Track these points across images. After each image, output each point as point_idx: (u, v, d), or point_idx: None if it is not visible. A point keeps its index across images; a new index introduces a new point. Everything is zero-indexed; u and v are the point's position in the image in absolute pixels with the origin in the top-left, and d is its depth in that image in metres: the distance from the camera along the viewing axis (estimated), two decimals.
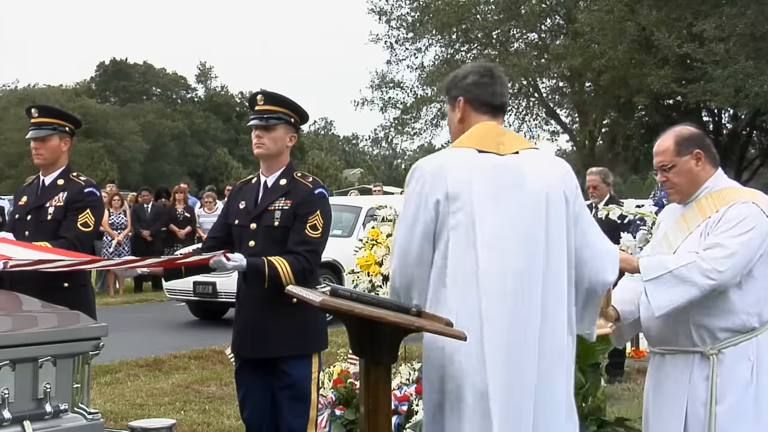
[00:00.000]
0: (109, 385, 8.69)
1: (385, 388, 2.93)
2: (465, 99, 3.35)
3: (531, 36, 35.45)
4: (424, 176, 3.20)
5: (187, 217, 17.62)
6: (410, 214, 3.21)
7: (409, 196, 3.22)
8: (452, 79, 3.44)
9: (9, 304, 4.43)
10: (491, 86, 3.35)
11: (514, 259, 3.12)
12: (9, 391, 3.92)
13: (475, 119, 3.34)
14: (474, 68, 3.42)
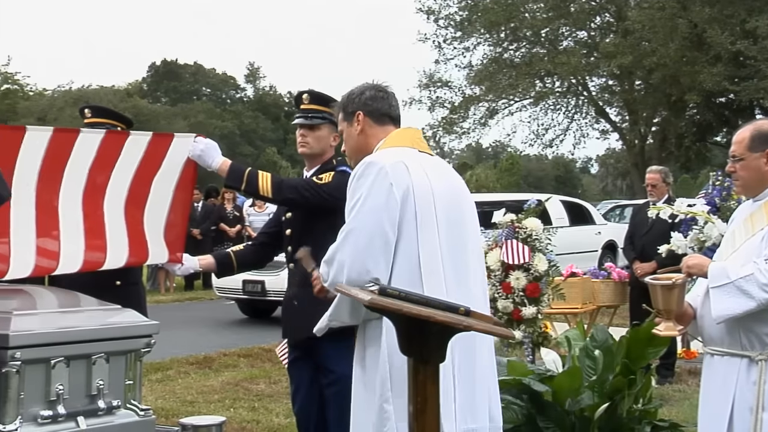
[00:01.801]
0: (160, 382, 8.79)
1: (433, 387, 2.93)
2: (364, 112, 3.59)
3: (580, 34, 35.21)
4: (385, 168, 3.30)
5: (237, 216, 17.76)
6: (377, 203, 3.25)
7: (371, 187, 3.28)
8: (347, 96, 3.67)
9: (63, 301, 4.50)
10: (387, 99, 3.63)
11: (462, 242, 3.40)
12: (63, 387, 3.99)
13: (377, 130, 3.58)
14: (368, 85, 3.66)
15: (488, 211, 7.89)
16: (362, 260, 3.22)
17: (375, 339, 3.31)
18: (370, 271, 3.21)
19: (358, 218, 3.26)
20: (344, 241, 3.26)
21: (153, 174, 4.59)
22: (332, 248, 3.30)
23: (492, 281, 6.84)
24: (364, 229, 3.24)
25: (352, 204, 3.30)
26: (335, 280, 3.26)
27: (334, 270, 3.27)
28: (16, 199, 4.22)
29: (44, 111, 51.05)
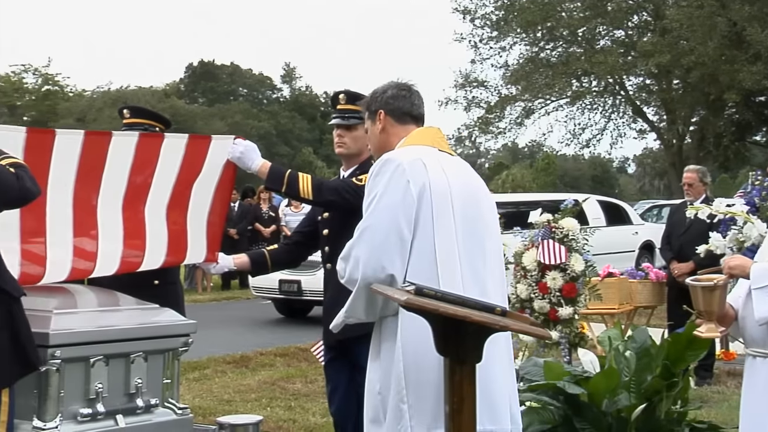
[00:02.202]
0: (197, 381, 8.84)
1: (469, 387, 2.93)
2: (385, 111, 3.60)
3: (617, 33, 34.97)
4: (402, 166, 3.29)
5: (272, 216, 17.84)
6: (394, 200, 3.24)
7: (388, 184, 3.27)
8: (371, 95, 3.67)
9: (102, 300, 4.54)
10: (409, 98, 3.63)
11: (480, 241, 3.39)
12: (103, 385, 4.03)
13: (398, 128, 3.60)
14: (392, 84, 3.67)
15: (524, 211, 7.86)
16: (378, 257, 3.21)
17: (390, 336, 3.30)
18: (385, 267, 3.21)
19: (374, 215, 3.26)
20: (360, 237, 3.26)
21: (194, 176, 4.63)
22: (349, 244, 3.30)
23: (528, 281, 6.81)
24: (379, 226, 3.24)
25: (369, 200, 3.30)
26: (351, 276, 3.26)
27: (350, 266, 3.27)
28: (53, 200, 4.27)
29: (83, 112, 51.55)
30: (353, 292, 3.27)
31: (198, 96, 65.40)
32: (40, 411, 3.90)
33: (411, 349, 3.21)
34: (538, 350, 6.76)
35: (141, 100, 44.44)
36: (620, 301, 9.32)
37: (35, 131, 4.40)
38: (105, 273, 4.52)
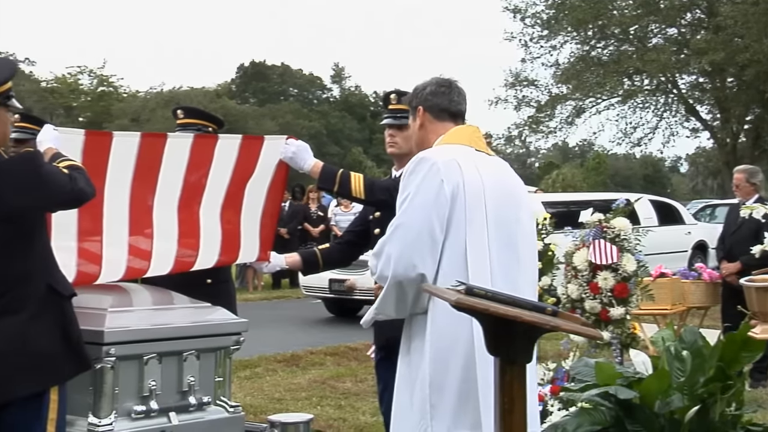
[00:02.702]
0: (248, 379, 8.91)
1: (520, 388, 2.92)
2: (424, 107, 3.61)
3: (670, 31, 34.56)
4: (437, 165, 3.31)
5: (321, 216, 17.92)
6: (427, 199, 3.27)
7: (422, 183, 3.29)
8: (413, 91, 3.67)
9: (156, 298, 4.60)
10: (448, 95, 3.62)
11: (513, 242, 3.41)
12: (156, 383, 4.08)
13: (436, 125, 3.60)
14: (433, 80, 3.67)
15: (575, 211, 7.81)
16: (409, 255, 3.24)
17: (419, 334, 3.34)
18: (416, 266, 3.23)
19: (407, 213, 3.29)
20: (392, 235, 3.29)
21: (248, 177, 4.67)
22: (381, 241, 3.33)
23: (579, 281, 6.77)
24: (412, 224, 3.26)
25: (402, 199, 3.32)
26: (382, 272, 3.29)
27: (382, 263, 3.30)
28: (110, 201, 4.34)
29: (137, 112, 52.14)
30: (384, 289, 3.31)
31: (249, 96, 65.82)
32: (95, 408, 3.96)
33: (438, 349, 3.26)
34: (589, 350, 6.71)
35: (193, 100, 44.85)
36: (672, 301, 9.23)
37: (93, 134, 4.48)
38: (159, 272, 4.58)
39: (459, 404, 3.23)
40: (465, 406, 3.25)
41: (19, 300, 3.42)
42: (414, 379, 3.33)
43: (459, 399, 3.24)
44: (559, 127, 36.51)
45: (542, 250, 6.87)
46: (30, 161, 3.50)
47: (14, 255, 3.42)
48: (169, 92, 56.09)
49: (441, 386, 3.25)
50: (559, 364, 6.03)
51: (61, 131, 4.11)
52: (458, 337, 3.25)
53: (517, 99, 36.38)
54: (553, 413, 5.56)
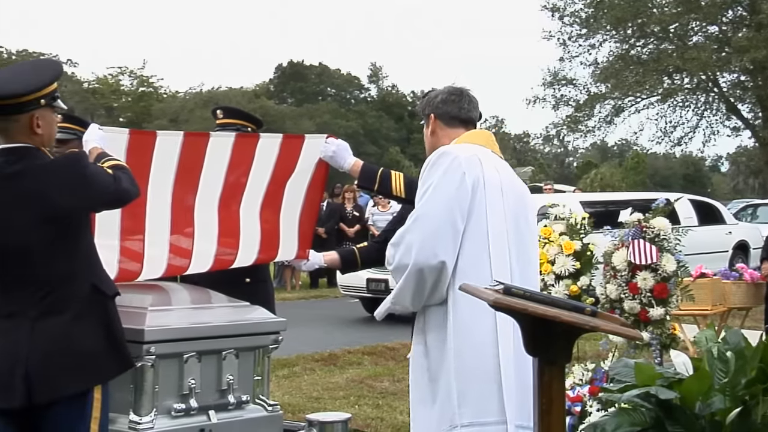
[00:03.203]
0: (286, 378, 8.95)
1: (558, 388, 2.91)
2: (435, 115, 3.70)
3: (711, 29, 34.23)
4: (459, 158, 3.40)
5: (356, 216, 17.94)
6: (449, 190, 3.34)
7: (443, 174, 3.37)
8: (425, 100, 3.78)
9: (195, 297, 4.63)
10: (458, 103, 3.71)
11: (525, 240, 3.52)
12: (195, 381, 4.11)
13: (448, 131, 3.68)
14: (445, 89, 3.77)
15: (613, 211, 7.75)
16: (431, 244, 3.29)
17: (437, 325, 3.38)
18: (437, 254, 3.29)
19: (428, 204, 3.34)
20: (414, 224, 3.34)
21: (288, 176, 4.69)
22: (400, 232, 3.38)
23: (618, 281, 6.72)
24: (434, 213, 3.32)
25: (424, 190, 3.38)
26: (402, 261, 3.33)
27: (401, 251, 3.34)
28: (153, 200, 4.38)
29: (176, 112, 52.53)
30: (402, 279, 3.35)
31: (287, 96, 66.06)
32: (135, 405, 3.99)
33: (462, 338, 3.31)
34: (628, 351, 6.67)
35: (232, 100, 45.12)
36: (713, 302, 9.15)
37: (137, 133, 4.53)
38: (199, 270, 4.61)
39: (485, 392, 3.31)
40: (490, 393, 3.32)
41: (64, 300, 3.46)
42: (436, 370, 3.38)
43: (484, 387, 3.32)
44: (598, 126, 36.32)
45: (580, 250, 6.83)
46: (75, 162, 3.54)
47: (59, 255, 3.46)
48: (208, 92, 56.45)
49: (467, 375, 3.31)
50: (597, 365, 6.00)
51: (106, 130, 4.16)
52: (481, 327, 3.33)
53: (556, 98, 36.25)
54: (592, 414, 5.53)
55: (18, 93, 3.45)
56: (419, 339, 3.47)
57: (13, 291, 3.49)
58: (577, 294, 6.72)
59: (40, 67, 3.77)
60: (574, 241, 6.84)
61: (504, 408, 3.32)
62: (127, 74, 55.35)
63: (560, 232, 6.82)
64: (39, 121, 3.49)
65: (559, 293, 6.63)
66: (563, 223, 6.83)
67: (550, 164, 72.27)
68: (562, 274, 6.79)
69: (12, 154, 3.49)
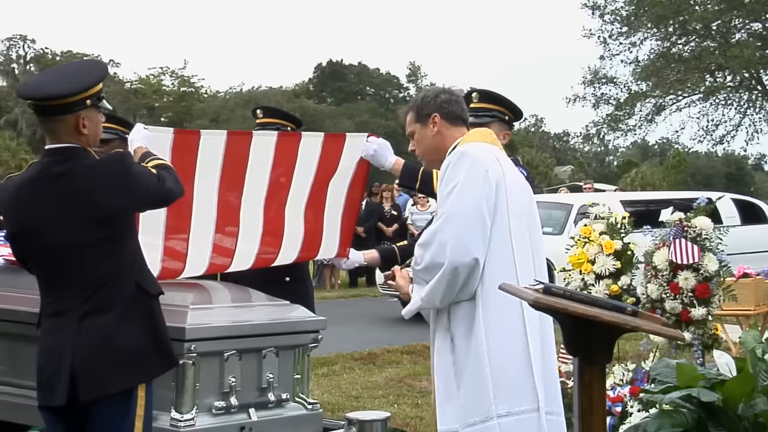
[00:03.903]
0: (326, 376, 8.97)
1: (599, 388, 2.90)
2: (440, 115, 3.71)
3: (754, 26, 33.83)
4: (480, 159, 3.47)
5: (394, 215, 17.95)
6: (475, 188, 3.41)
7: (468, 173, 3.43)
8: (422, 100, 3.79)
9: (236, 296, 4.66)
10: (460, 103, 3.79)
11: (538, 237, 3.64)
12: (236, 379, 4.13)
13: (453, 131, 3.72)
14: (441, 89, 3.81)
15: (654, 210, 7.71)
16: (465, 242, 3.36)
17: (466, 321, 3.44)
18: (471, 251, 3.35)
19: (457, 203, 3.40)
20: (445, 223, 3.39)
21: (331, 175, 4.71)
22: (429, 232, 3.45)
23: (659, 281, 6.67)
24: (464, 211, 3.39)
25: (449, 190, 3.43)
26: (435, 260, 3.39)
27: (433, 251, 3.40)
28: (198, 199, 4.41)
29: (217, 112, 52.88)
30: (435, 278, 3.40)
31: (326, 96, 66.21)
32: (177, 403, 4.02)
33: (494, 331, 3.39)
34: (669, 351, 6.62)
35: (271, 100, 45.34)
36: (756, 302, 9.05)
37: (181, 132, 4.57)
38: (239, 268, 4.64)
39: (520, 382, 3.41)
40: (525, 383, 3.42)
41: (109, 299, 3.50)
42: (463, 365, 3.44)
43: (519, 377, 3.41)
44: (639, 124, 36.08)
45: (621, 250, 6.78)
46: (120, 162, 3.58)
47: (104, 255, 3.50)
48: (248, 92, 56.75)
49: (500, 366, 3.39)
50: (638, 365, 5.95)
51: (151, 130, 4.19)
52: (511, 320, 3.42)
53: (596, 96, 36.05)
54: (633, 414, 5.49)
55: (64, 94, 3.49)
56: (444, 335, 3.52)
57: (59, 290, 3.54)
58: (617, 294, 6.67)
59: (86, 69, 3.81)
60: (615, 241, 6.79)
61: (537, 396, 3.43)
62: (169, 74, 55.81)
63: (600, 232, 6.77)
64: (85, 121, 3.53)
65: (599, 293, 6.58)
66: (603, 223, 6.78)
67: (589, 163, 71.77)
68: (603, 274, 6.75)
69: (58, 155, 3.53)
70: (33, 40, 55.42)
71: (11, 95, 49.85)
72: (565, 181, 45.65)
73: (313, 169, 4.68)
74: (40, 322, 3.62)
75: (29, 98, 3.59)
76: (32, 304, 3.90)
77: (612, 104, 35.92)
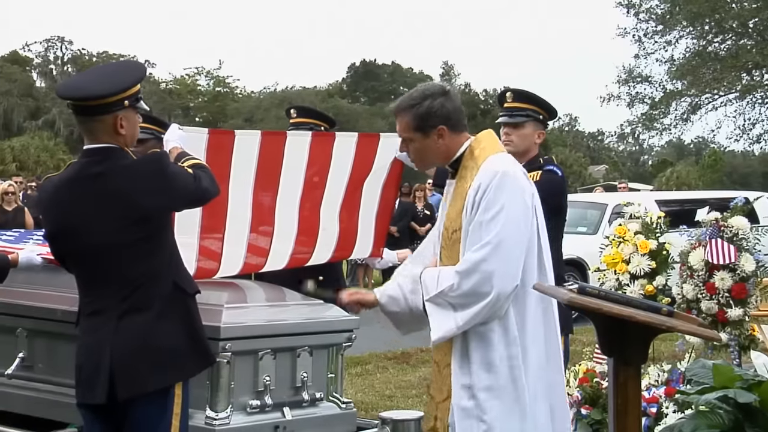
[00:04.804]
0: (359, 376, 8.98)
1: (634, 388, 2.89)
2: (448, 126, 3.57)
3: None
4: (516, 177, 3.44)
5: (427, 215, 17.95)
6: (517, 213, 3.37)
7: (509, 196, 3.38)
8: (427, 109, 3.54)
9: (270, 295, 4.68)
10: (461, 108, 3.67)
11: None
12: (270, 378, 4.15)
13: (458, 136, 3.61)
14: (441, 92, 3.60)
15: (690, 209, 7.64)
16: (513, 272, 3.34)
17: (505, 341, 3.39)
18: (516, 279, 3.34)
19: (505, 230, 3.34)
20: (494, 252, 3.32)
21: (365, 175, 4.73)
22: (474, 261, 3.34)
23: (695, 281, 6.63)
24: (511, 240, 3.35)
25: (492, 215, 3.36)
26: (478, 289, 3.32)
27: (476, 279, 3.33)
28: (234, 199, 4.44)
29: (251, 112, 53.14)
30: (477, 307, 3.34)
31: (360, 95, 66.32)
32: (212, 401, 4.05)
33: (534, 359, 3.40)
34: (705, 352, 6.57)
35: (305, 100, 45.50)
36: None
37: (216, 132, 4.59)
38: (274, 268, 4.66)
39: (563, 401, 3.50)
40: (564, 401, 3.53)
41: (147, 298, 3.52)
42: (510, 381, 3.39)
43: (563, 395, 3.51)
44: (674, 123, 35.81)
45: (656, 249, 6.75)
46: (157, 162, 3.61)
47: (142, 254, 3.53)
48: (281, 92, 56.98)
49: (553, 387, 3.47)
50: (674, 366, 5.91)
51: (186, 130, 4.22)
52: (550, 334, 3.46)
53: (630, 95, 35.81)
54: (668, 415, 5.46)
55: (103, 94, 3.52)
56: (465, 356, 3.44)
57: (97, 289, 3.57)
58: (652, 294, 6.63)
59: (125, 69, 3.85)
60: (650, 240, 6.75)
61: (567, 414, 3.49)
62: (204, 74, 56.18)
63: (635, 231, 6.74)
64: (123, 121, 3.56)
65: (634, 293, 6.55)
66: (639, 222, 6.74)
67: (624, 162, 71.31)
68: (638, 274, 6.71)
69: (96, 155, 3.57)
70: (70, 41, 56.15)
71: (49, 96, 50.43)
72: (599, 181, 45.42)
73: (347, 169, 4.69)
74: (79, 321, 3.66)
75: (69, 98, 3.62)
76: (70, 302, 3.94)
77: (647, 103, 35.68)
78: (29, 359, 4.51)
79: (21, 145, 41.36)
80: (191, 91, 56.50)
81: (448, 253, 3.50)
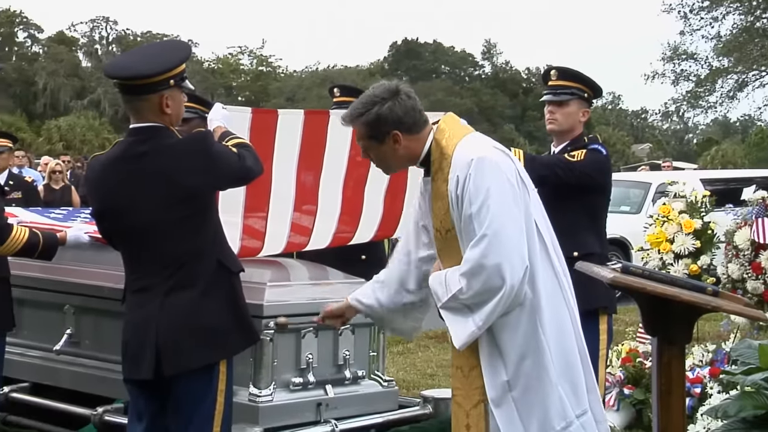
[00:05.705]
0: (401, 354, 9.01)
1: (678, 368, 2.88)
2: (401, 131, 3.36)
3: None
4: (493, 160, 3.25)
5: None
6: (505, 199, 3.21)
7: (491, 184, 3.20)
8: (376, 117, 3.34)
9: (313, 274, 4.71)
10: (416, 107, 3.44)
11: None
12: (313, 356, 4.19)
13: (418, 137, 3.40)
14: (391, 93, 3.39)
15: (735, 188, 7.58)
16: (519, 259, 3.16)
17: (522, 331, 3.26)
18: (523, 259, 3.18)
19: (495, 221, 3.18)
20: (490, 247, 3.17)
21: None
22: (474, 260, 3.19)
23: (741, 261, 6.57)
24: (507, 229, 3.18)
25: (479, 205, 3.20)
26: (489, 285, 3.17)
27: (485, 276, 3.17)
28: (277, 178, 4.46)
29: (293, 91, 53.29)
30: (493, 302, 3.19)
31: (401, 74, 66.09)
32: (255, 378, 4.09)
33: (555, 337, 3.24)
34: (750, 332, 6.51)
35: (347, 79, 45.50)
36: None
37: (259, 112, 4.61)
38: (317, 247, 4.69)
39: (580, 381, 3.28)
40: (581, 381, 3.29)
41: (192, 276, 3.56)
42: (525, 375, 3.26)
43: (579, 376, 3.29)
44: (720, 101, 35.37)
45: (701, 229, 6.69)
46: (201, 141, 3.64)
47: (187, 233, 3.56)
48: (323, 71, 57.05)
49: (569, 370, 3.27)
50: (718, 346, 5.87)
51: (229, 110, 4.23)
52: (563, 320, 3.29)
53: (675, 73, 35.41)
54: (713, 396, 5.42)
55: (150, 74, 3.55)
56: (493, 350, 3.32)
57: (143, 267, 3.61)
58: (697, 273, 6.58)
59: (170, 49, 3.87)
60: (695, 220, 6.69)
61: (586, 393, 3.30)
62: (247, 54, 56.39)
63: (680, 210, 6.68)
64: (168, 101, 3.58)
65: (678, 272, 6.50)
66: (683, 201, 6.69)
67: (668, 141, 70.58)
68: (682, 253, 6.66)
69: (142, 134, 3.60)
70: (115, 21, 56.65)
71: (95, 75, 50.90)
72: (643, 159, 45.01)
73: None
74: (125, 298, 3.71)
75: (115, 78, 3.66)
76: (116, 280, 3.99)
77: (692, 81, 35.27)
78: (77, 335, 4.59)
79: (67, 125, 41.88)
80: (234, 71, 56.74)
81: (447, 252, 3.37)
